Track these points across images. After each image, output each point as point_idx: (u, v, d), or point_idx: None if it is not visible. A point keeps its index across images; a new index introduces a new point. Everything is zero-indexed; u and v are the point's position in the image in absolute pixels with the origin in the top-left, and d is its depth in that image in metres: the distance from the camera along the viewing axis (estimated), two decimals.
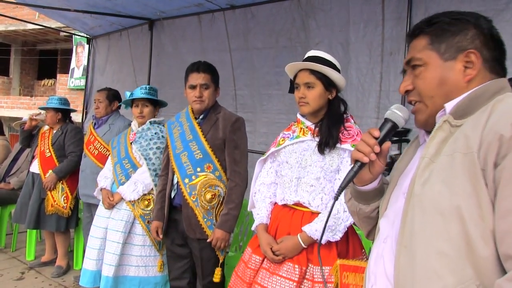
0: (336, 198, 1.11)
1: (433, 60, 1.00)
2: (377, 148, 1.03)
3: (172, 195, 2.37)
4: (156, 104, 2.91)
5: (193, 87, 2.30)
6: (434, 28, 1.01)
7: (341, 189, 1.09)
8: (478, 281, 0.81)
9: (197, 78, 2.29)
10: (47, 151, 3.69)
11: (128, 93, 2.86)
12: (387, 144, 1.06)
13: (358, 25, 3.00)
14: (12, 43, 11.89)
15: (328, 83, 1.78)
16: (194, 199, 2.24)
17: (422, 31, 1.03)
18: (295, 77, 1.84)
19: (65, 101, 3.83)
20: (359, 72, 3.00)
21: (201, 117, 2.37)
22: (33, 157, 3.90)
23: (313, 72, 1.76)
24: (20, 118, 4.68)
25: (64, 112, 3.81)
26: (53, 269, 3.76)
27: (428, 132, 1.04)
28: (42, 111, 3.90)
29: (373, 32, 2.92)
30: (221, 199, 2.27)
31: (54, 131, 3.78)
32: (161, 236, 2.42)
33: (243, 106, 3.83)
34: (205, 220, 2.24)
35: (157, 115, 2.97)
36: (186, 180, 2.27)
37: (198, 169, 2.26)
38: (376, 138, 1.04)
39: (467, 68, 0.97)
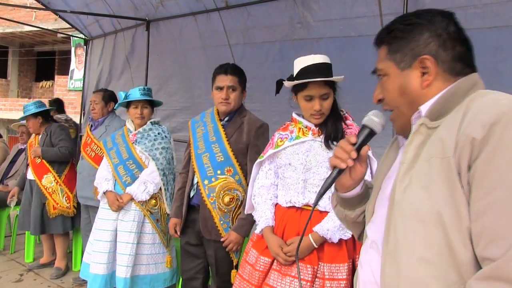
0: (315, 204, 1.12)
1: (392, 70, 1.00)
2: (353, 154, 1.03)
3: (191, 195, 2.38)
4: (152, 104, 2.91)
5: (220, 88, 2.28)
6: (390, 38, 1.00)
7: (320, 195, 1.09)
8: (462, 285, 0.81)
9: (225, 80, 2.27)
10: (37, 158, 3.67)
11: (122, 94, 2.83)
12: (365, 148, 1.06)
13: (355, 20, 2.98)
14: (10, 45, 11.87)
15: (335, 88, 1.79)
16: (212, 201, 2.25)
17: (382, 41, 1.03)
18: (298, 87, 1.76)
19: (40, 104, 3.78)
20: (362, 69, 2.95)
21: (226, 119, 2.35)
22: (27, 165, 3.89)
23: (327, 82, 1.73)
24: (18, 120, 4.67)
25: (43, 115, 3.76)
26: (52, 271, 3.75)
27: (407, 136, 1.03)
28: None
29: (372, 26, 2.90)
30: (239, 203, 2.27)
31: (40, 136, 3.76)
32: (178, 233, 2.44)
33: (251, 97, 3.77)
34: (221, 222, 2.25)
35: (153, 116, 2.96)
36: (206, 182, 2.27)
37: (219, 172, 2.26)
38: (353, 145, 1.05)
39: (425, 74, 0.95)
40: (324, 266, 1.69)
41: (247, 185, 2.24)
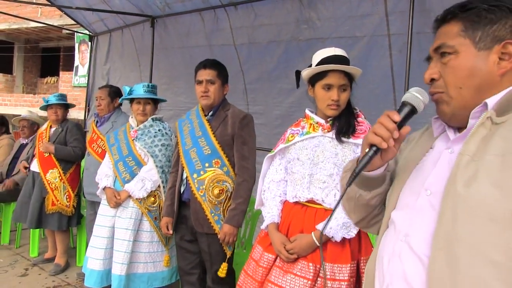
0: (349, 185, 0.99)
1: (466, 48, 0.92)
2: (396, 134, 0.93)
3: (182, 190, 2.42)
4: (156, 101, 2.91)
5: (199, 82, 2.37)
6: (469, 14, 0.93)
7: (355, 176, 0.97)
8: None
9: (203, 74, 2.36)
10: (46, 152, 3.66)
11: (127, 88, 2.84)
12: (406, 129, 0.96)
13: (361, 20, 2.98)
14: (15, 41, 11.93)
15: (351, 84, 1.80)
16: (202, 194, 2.29)
17: (455, 17, 0.95)
18: (317, 76, 1.76)
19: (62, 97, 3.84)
20: (368, 69, 2.96)
21: (210, 113, 2.42)
22: (33, 156, 3.89)
23: (346, 74, 1.74)
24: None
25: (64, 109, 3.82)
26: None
27: (448, 125, 0.98)
28: None
29: (378, 25, 2.89)
30: (229, 195, 2.31)
31: (53, 129, 3.76)
32: (171, 231, 2.47)
33: (254, 100, 3.82)
34: (212, 214, 2.29)
35: (157, 112, 2.97)
36: (195, 175, 2.32)
37: (207, 165, 2.31)
38: (395, 122, 0.94)
39: (502, 60, 0.90)
40: (326, 266, 1.68)
41: (236, 175, 2.30)
